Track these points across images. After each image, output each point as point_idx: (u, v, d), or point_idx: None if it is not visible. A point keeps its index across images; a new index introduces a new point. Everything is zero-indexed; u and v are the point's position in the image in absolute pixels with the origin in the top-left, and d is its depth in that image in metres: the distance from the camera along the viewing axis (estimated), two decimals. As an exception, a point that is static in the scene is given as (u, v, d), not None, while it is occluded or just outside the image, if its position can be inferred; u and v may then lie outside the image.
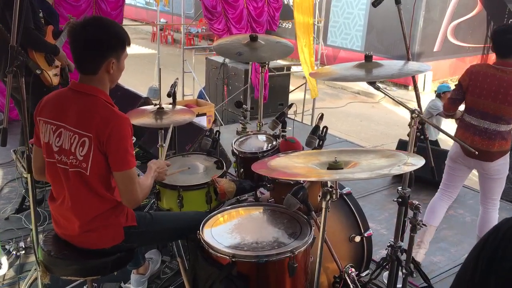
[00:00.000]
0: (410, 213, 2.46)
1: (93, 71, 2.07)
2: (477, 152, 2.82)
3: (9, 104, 2.39)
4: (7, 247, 3.23)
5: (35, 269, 2.74)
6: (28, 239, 3.33)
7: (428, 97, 11.12)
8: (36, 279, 2.69)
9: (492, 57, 13.48)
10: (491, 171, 3.12)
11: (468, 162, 3.19)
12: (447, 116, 3.39)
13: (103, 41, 2.04)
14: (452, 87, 3.82)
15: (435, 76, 12.14)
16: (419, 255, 3.36)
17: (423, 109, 6.28)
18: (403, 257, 2.57)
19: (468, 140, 3.09)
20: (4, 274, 3.02)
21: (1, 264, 3.03)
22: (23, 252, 3.19)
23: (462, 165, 3.24)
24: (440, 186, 3.43)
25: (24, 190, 3.70)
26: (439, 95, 6.27)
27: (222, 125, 7.22)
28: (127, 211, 2.21)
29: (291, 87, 7.94)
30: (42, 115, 2.14)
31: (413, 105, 2.48)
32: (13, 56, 2.30)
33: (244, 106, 3.44)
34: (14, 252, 3.18)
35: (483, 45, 13.33)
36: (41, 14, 3.88)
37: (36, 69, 3.66)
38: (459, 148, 3.18)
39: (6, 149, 3.52)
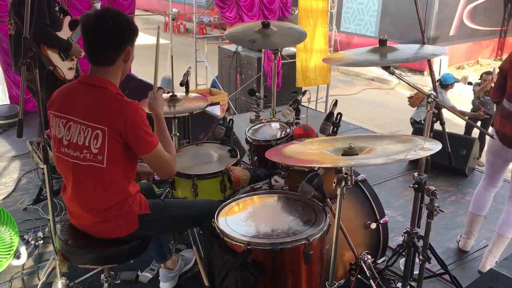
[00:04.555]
0: (427, 199, 2.43)
1: (110, 62, 2.08)
2: (495, 136, 2.76)
3: (24, 96, 2.40)
4: (25, 237, 3.27)
5: (53, 258, 2.78)
6: (46, 229, 3.37)
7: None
8: (54, 268, 2.72)
9: (510, 40, 13.31)
10: None
11: (506, 155, 3.06)
12: (494, 102, 3.35)
13: (121, 30, 2.07)
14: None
15: (451, 61, 11.95)
16: (467, 245, 3.41)
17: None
18: (420, 243, 2.55)
19: (506, 128, 2.95)
20: (24, 264, 3.07)
21: (21, 254, 3.08)
22: (42, 242, 3.23)
23: (500, 158, 3.12)
24: (483, 176, 3.36)
25: (41, 181, 3.75)
26: (444, 86, 6.11)
27: (235, 113, 7.22)
28: (140, 199, 2.22)
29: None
30: (52, 109, 2.16)
31: (429, 90, 2.44)
32: (26, 47, 2.30)
33: (257, 94, 3.42)
34: (32, 242, 3.22)
35: (500, 28, 13.06)
36: (57, 8, 3.90)
37: (49, 66, 3.70)
38: (497, 140, 3.06)
39: (22, 140, 3.57)
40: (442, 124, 2.41)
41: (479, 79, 6.57)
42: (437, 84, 6.20)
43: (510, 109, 2.94)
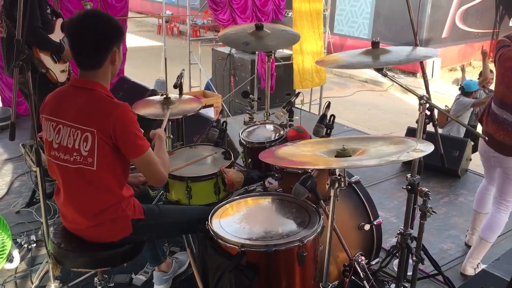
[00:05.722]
0: (420, 201, 2.44)
1: (97, 65, 2.06)
2: (487, 138, 2.78)
3: (17, 99, 2.40)
4: (18, 240, 3.26)
5: (46, 262, 2.76)
6: (39, 232, 3.36)
7: (436, 84, 11.04)
8: (47, 271, 2.71)
9: (501, 43, 13.41)
10: (509, 169, 2.97)
11: (489, 159, 3.07)
12: None
13: (106, 32, 2.04)
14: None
15: (443, 63, 12.02)
16: (471, 240, 3.49)
17: (450, 107, 5.99)
18: (413, 244, 2.56)
19: (487, 124, 2.99)
20: (16, 267, 3.05)
21: (13, 257, 3.06)
22: (34, 245, 3.22)
23: (486, 160, 3.13)
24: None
25: (34, 184, 3.73)
26: (468, 93, 5.66)
27: (229, 115, 7.22)
28: (134, 203, 2.21)
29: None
30: (44, 112, 2.15)
31: (422, 92, 2.45)
32: (18, 50, 2.30)
33: (251, 96, 3.43)
34: (25, 245, 3.21)
35: (492, 30, 13.15)
36: (48, 10, 3.89)
37: (41, 68, 3.68)
38: (483, 142, 3.08)
39: (15, 143, 3.54)
40: (435, 125, 2.42)
41: (478, 78, 6.09)
42: (459, 92, 5.93)
43: (495, 112, 2.95)
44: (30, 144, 3.50)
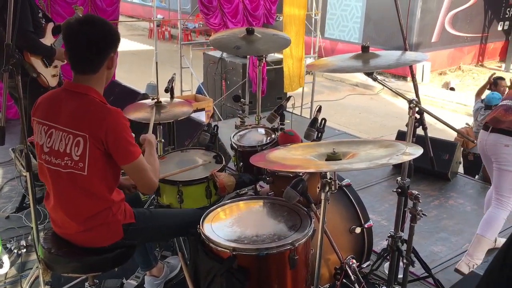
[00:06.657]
0: (410, 204, 2.46)
1: (94, 70, 2.07)
2: (475, 141, 2.83)
3: (6, 103, 2.38)
4: (8, 245, 3.23)
5: (37, 267, 2.74)
6: (29, 237, 3.33)
7: (426, 88, 11.12)
8: (37, 277, 2.69)
9: (490, 46, 13.54)
10: (502, 158, 3.07)
11: (484, 151, 3.18)
12: None
13: (105, 38, 2.05)
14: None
15: (433, 67, 12.13)
16: None
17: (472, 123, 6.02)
18: (404, 247, 2.57)
19: (496, 112, 3.21)
20: (6, 273, 3.03)
21: (3, 263, 3.04)
22: (24, 250, 3.19)
23: (483, 155, 3.25)
24: None
25: (24, 189, 3.70)
26: (488, 107, 5.61)
27: (220, 119, 7.22)
28: (125, 208, 2.20)
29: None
30: (35, 116, 2.14)
31: (412, 96, 2.48)
32: (8, 54, 2.28)
33: (242, 100, 3.43)
34: (15, 251, 3.18)
35: (480, 35, 13.30)
36: (40, 14, 3.87)
37: (32, 73, 3.67)
38: (479, 137, 3.25)
39: (4, 148, 3.52)
40: (425, 129, 2.45)
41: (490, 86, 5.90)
42: (479, 104, 5.90)
43: (503, 102, 3.26)
44: (20, 149, 3.48)
